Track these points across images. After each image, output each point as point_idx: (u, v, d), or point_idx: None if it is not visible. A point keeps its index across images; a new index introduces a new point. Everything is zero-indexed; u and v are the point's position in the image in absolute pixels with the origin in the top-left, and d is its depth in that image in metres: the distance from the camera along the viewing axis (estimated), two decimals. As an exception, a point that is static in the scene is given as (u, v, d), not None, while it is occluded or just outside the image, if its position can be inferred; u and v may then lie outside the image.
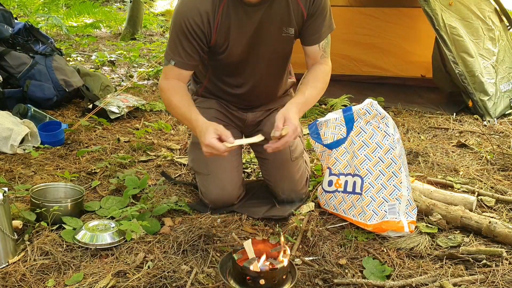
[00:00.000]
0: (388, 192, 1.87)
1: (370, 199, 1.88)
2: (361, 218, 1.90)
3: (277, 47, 1.96)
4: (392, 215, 1.85)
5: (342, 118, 2.01)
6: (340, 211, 1.99)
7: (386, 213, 1.85)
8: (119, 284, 1.54)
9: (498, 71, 3.84)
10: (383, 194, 1.87)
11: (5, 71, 3.37)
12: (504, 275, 1.61)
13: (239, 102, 2.14)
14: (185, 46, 1.83)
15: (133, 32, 8.05)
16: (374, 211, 1.87)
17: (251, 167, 2.61)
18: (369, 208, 1.88)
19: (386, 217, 1.85)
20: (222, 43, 1.88)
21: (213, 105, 2.17)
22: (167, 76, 1.91)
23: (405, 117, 3.65)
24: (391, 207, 1.85)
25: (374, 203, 1.87)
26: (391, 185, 1.87)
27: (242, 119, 2.19)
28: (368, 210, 1.87)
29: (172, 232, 1.87)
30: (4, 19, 3.55)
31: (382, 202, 1.87)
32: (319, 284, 1.58)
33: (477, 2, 3.91)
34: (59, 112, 3.49)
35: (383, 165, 1.89)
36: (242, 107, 2.17)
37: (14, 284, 1.53)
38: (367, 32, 4.66)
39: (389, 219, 1.85)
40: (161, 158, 2.72)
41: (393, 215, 1.85)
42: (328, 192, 2.04)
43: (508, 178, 2.49)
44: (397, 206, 1.86)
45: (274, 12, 1.86)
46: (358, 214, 1.91)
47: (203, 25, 1.80)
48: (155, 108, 3.71)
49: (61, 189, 2.11)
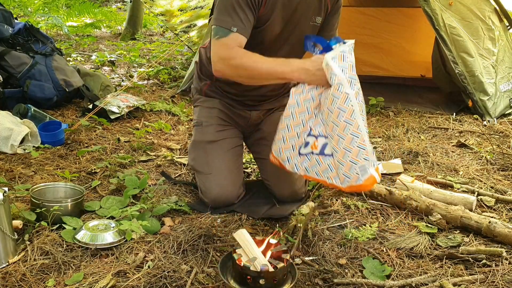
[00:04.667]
0: (354, 154, 1.68)
1: (338, 164, 1.72)
2: (336, 181, 1.75)
3: (305, 34, 1.96)
4: (365, 175, 1.68)
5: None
6: (312, 174, 1.82)
7: (359, 175, 1.68)
8: (119, 284, 1.54)
9: (498, 71, 3.84)
10: (349, 157, 1.69)
11: (5, 71, 3.37)
12: (504, 275, 1.62)
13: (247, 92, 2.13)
14: (246, 12, 1.79)
15: (133, 32, 8.05)
16: (345, 175, 1.71)
17: (251, 167, 2.61)
18: (340, 172, 1.72)
19: (360, 179, 1.68)
20: (266, 17, 1.87)
21: (216, 105, 2.17)
22: (230, 46, 1.76)
23: (405, 117, 3.65)
24: (361, 168, 1.69)
25: (343, 167, 1.70)
26: (355, 147, 1.68)
27: (246, 118, 2.20)
28: (340, 174, 1.73)
29: (172, 232, 1.87)
30: (4, 19, 3.55)
31: (351, 165, 1.69)
32: (319, 284, 1.58)
33: (477, 2, 3.91)
34: (59, 112, 3.49)
35: (338, 129, 1.68)
36: (249, 104, 2.17)
37: (14, 284, 1.53)
38: (367, 32, 4.66)
39: (363, 181, 1.69)
40: (161, 158, 2.72)
41: (366, 175, 1.69)
42: (302, 155, 1.82)
43: (508, 178, 2.49)
44: (367, 164, 1.69)
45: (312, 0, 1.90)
46: (333, 178, 1.76)
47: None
48: (155, 108, 3.71)
49: (61, 189, 2.11)
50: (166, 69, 5.23)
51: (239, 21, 1.77)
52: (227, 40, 1.77)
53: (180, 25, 7.36)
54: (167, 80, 4.82)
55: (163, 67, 5.28)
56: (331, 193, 2.26)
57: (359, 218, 2.03)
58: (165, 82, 4.79)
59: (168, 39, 8.26)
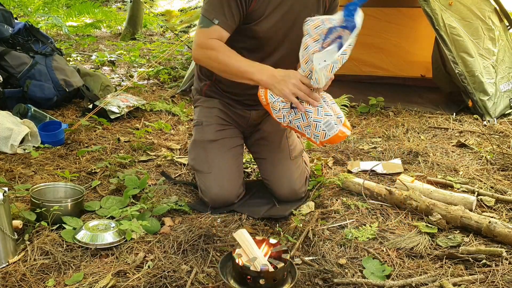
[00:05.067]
0: (314, 113, 1.78)
1: (307, 123, 1.81)
2: (313, 137, 1.82)
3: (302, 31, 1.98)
4: (331, 131, 1.77)
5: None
6: (294, 126, 1.88)
7: (326, 131, 1.78)
8: (119, 284, 1.54)
9: (498, 71, 3.84)
10: (311, 117, 1.78)
11: (5, 71, 3.37)
12: (504, 275, 1.62)
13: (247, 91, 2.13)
14: (231, 6, 1.83)
15: (133, 32, 8.05)
16: (314, 134, 1.80)
17: (251, 167, 2.61)
18: (308, 132, 1.82)
19: (328, 135, 1.78)
20: (259, 12, 1.89)
21: (216, 104, 2.18)
22: (210, 36, 1.85)
23: (405, 117, 3.65)
24: (326, 124, 1.78)
25: (310, 127, 1.80)
26: (314, 108, 1.79)
27: (246, 118, 2.20)
28: (311, 133, 1.81)
29: (172, 232, 1.87)
30: (4, 19, 3.55)
31: (316, 124, 1.78)
32: (319, 283, 1.58)
33: (477, 2, 3.91)
34: (59, 112, 3.49)
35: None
36: (248, 103, 2.17)
37: (14, 284, 1.53)
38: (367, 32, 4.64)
39: (332, 135, 1.78)
40: (161, 158, 2.72)
41: (332, 130, 1.77)
42: (293, 107, 1.85)
43: (508, 178, 2.49)
44: (331, 120, 1.78)
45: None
46: (312, 134, 1.82)
47: None
48: (155, 108, 3.71)
49: (61, 189, 2.11)
50: (166, 69, 5.23)
51: (222, 15, 1.83)
52: (209, 31, 1.85)
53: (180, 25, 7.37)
54: (167, 80, 4.83)
55: (163, 67, 5.29)
56: (331, 193, 2.26)
57: (359, 218, 2.03)
58: (165, 82, 4.79)
59: (168, 39, 8.26)
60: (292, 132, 2.27)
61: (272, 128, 2.22)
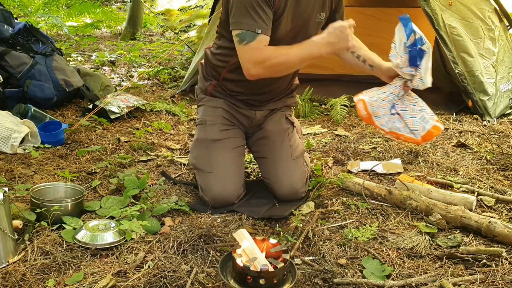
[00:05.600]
0: (410, 111, 1.96)
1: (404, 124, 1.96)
2: (413, 135, 1.95)
3: (308, 29, 2.01)
4: (427, 124, 1.91)
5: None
6: (395, 130, 2.00)
7: (424, 125, 1.92)
8: (119, 284, 1.54)
9: (498, 71, 3.84)
10: (407, 115, 1.95)
11: (5, 71, 3.37)
12: (504, 274, 1.62)
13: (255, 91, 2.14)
14: (266, 11, 1.81)
15: (133, 32, 8.05)
16: (413, 130, 1.93)
17: (251, 167, 2.61)
18: (407, 131, 1.95)
19: (425, 128, 1.91)
20: (279, 12, 1.89)
21: (221, 104, 2.18)
22: (260, 49, 1.81)
23: (405, 117, 3.65)
24: (422, 118, 1.93)
25: (408, 125, 1.95)
26: (410, 105, 1.97)
27: (250, 118, 2.21)
28: (409, 131, 1.95)
29: (172, 232, 1.87)
30: (4, 19, 3.56)
31: (412, 120, 1.93)
32: (319, 283, 1.58)
33: (477, 2, 3.91)
34: (59, 112, 3.49)
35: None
36: (253, 104, 2.17)
37: (14, 284, 1.54)
38: (367, 32, 4.64)
39: (429, 127, 1.92)
40: (161, 158, 2.72)
41: (428, 123, 1.91)
42: (393, 114, 2.01)
43: (508, 178, 2.49)
44: (425, 115, 1.93)
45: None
46: (411, 131, 1.97)
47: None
48: (155, 108, 3.71)
49: (61, 189, 2.11)
50: (166, 69, 5.23)
51: (261, 22, 1.80)
52: (256, 44, 1.80)
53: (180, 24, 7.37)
54: (167, 80, 4.83)
55: (163, 67, 5.29)
56: (331, 193, 2.26)
57: (359, 218, 2.03)
58: (165, 82, 4.79)
59: (168, 39, 8.26)
60: (294, 132, 2.27)
61: (274, 127, 2.22)
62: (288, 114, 2.31)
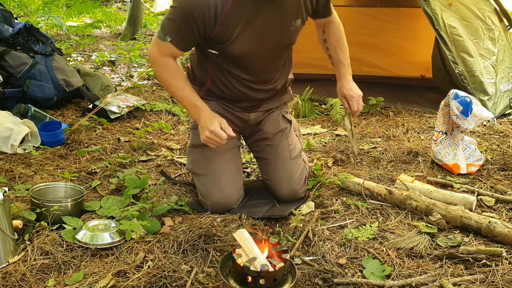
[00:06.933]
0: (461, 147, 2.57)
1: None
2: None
3: (285, 40, 2.00)
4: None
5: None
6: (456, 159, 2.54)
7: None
8: (119, 284, 1.54)
9: (498, 71, 3.84)
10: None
11: (5, 71, 3.37)
12: (504, 274, 1.62)
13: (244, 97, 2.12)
14: (185, 29, 1.82)
15: (133, 32, 8.04)
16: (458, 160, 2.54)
17: (251, 167, 2.61)
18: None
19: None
20: (226, 35, 1.85)
21: (213, 106, 2.16)
22: (162, 52, 1.88)
23: (405, 117, 3.65)
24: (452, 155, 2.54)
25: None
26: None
27: (244, 120, 2.19)
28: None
29: (172, 231, 1.87)
30: (4, 19, 3.56)
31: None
32: (319, 283, 1.58)
33: (477, 2, 3.91)
34: (59, 112, 3.49)
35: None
36: (246, 107, 2.16)
37: (14, 283, 1.54)
38: (367, 32, 4.66)
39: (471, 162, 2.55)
40: (161, 158, 2.72)
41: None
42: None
43: (508, 178, 2.49)
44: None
45: (284, 8, 1.87)
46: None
47: (209, 18, 1.78)
48: (155, 108, 3.71)
49: (61, 189, 2.12)
50: (166, 69, 5.21)
51: (174, 34, 1.83)
52: (162, 45, 1.87)
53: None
54: (167, 80, 4.81)
55: (163, 67, 5.27)
56: (331, 193, 2.26)
57: (359, 218, 2.03)
58: (165, 82, 4.78)
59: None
60: (291, 132, 2.27)
61: (273, 128, 2.21)
62: (284, 111, 2.28)
